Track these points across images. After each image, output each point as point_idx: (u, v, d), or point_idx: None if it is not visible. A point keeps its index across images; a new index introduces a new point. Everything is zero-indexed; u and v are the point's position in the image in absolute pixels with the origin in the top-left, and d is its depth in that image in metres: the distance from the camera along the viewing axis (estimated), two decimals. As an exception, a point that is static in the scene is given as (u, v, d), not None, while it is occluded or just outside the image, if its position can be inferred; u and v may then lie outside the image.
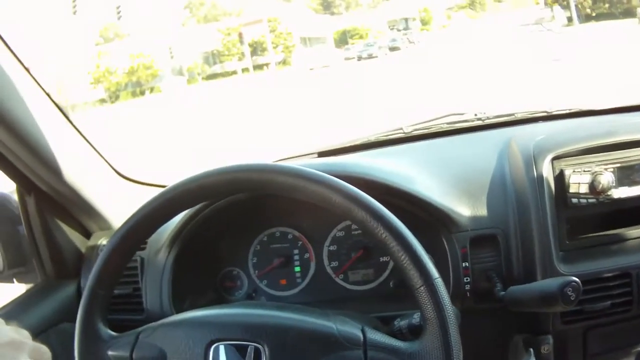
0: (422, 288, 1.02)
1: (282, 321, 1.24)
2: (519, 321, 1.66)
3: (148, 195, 2.15)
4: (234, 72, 66.30)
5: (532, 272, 1.57)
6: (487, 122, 2.23)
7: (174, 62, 67.46)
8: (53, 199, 1.88)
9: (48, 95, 1.78)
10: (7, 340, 0.87)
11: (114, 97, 64.03)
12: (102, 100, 62.43)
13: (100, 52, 65.55)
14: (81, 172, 1.86)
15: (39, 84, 1.73)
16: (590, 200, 1.60)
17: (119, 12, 44.62)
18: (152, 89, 62.69)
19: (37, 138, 1.68)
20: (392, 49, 58.62)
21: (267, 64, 66.03)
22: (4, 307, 1.83)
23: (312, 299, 1.86)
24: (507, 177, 1.71)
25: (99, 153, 2.00)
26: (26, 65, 1.68)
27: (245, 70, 63.83)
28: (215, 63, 71.25)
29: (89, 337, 1.27)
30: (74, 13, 37.60)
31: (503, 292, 1.50)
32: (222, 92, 40.90)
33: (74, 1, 37.61)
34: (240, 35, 65.34)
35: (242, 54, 66.25)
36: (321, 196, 1.06)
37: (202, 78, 66.15)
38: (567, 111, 2.21)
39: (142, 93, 62.36)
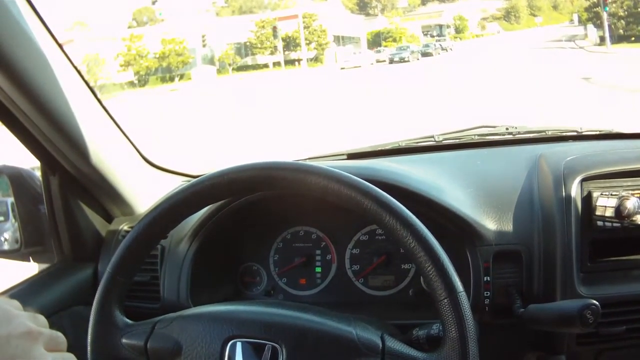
0: (445, 300, 1.01)
1: (302, 322, 1.23)
2: (533, 339, 1.64)
3: (173, 183, 2.18)
4: (266, 66, 66.65)
5: (552, 291, 1.56)
6: (518, 136, 2.21)
7: (205, 51, 67.88)
8: (77, 180, 1.87)
9: (80, 74, 1.76)
10: (23, 331, 0.85)
11: (143, 81, 64.56)
12: (131, 83, 62.96)
13: (132, 35, 66.02)
14: (108, 155, 1.85)
15: (71, 63, 1.72)
16: (615, 224, 1.57)
17: None
18: (181, 76, 63.13)
19: (67, 118, 1.66)
20: (425, 54, 59.14)
21: (299, 60, 66.20)
22: (19, 285, 1.83)
23: (330, 300, 1.85)
24: (535, 194, 1.69)
25: (127, 137, 1.98)
26: (59, 42, 1.66)
27: (276, 64, 64.10)
28: (247, 55, 71.62)
29: (103, 323, 1.26)
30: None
31: (522, 309, 1.48)
32: (252, 85, 41.16)
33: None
34: (274, 28, 65.68)
35: (275, 47, 66.58)
36: (353, 200, 1.05)
37: (233, 69, 66.43)
38: (597, 132, 2.18)
39: (172, 79, 62.88)
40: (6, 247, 1.96)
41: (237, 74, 63.49)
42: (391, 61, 53.75)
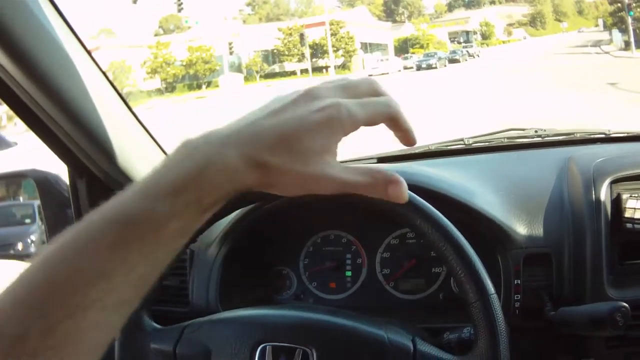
0: (477, 303, 1.01)
1: (333, 326, 1.24)
2: (562, 343, 1.62)
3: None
4: (293, 73, 66.98)
5: (582, 293, 1.54)
6: (547, 139, 2.22)
7: (232, 58, 68.35)
8: (104, 184, 1.86)
9: (107, 78, 1.75)
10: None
11: (170, 88, 65.13)
12: (158, 91, 63.59)
13: (158, 43, 66.71)
14: (136, 159, 1.84)
15: (98, 66, 1.71)
16: (644, 226, 1.57)
17: (180, 4, 45.23)
18: (209, 84, 63.62)
19: (94, 121, 1.65)
20: (452, 61, 59.66)
21: (326, 67, 66.49)
22: None
23: (360, 304, 1.85)
24: (565, 197, 1.69)
25: (155, 141, 1.97)
26: (87, 47, 1.65)
27: (304, 71, 64.40)
28: (274, 62, 72.07)
29: (131, 328, 1.26)
30: (134, 2, 38.29)
31: (553, 312, 1.48)
32: (279, 92, 41.44)
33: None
34: (302, 35, 66.05)
35: (302, 55, 66.98)
36: (385, 203, 1.01)
37: (260, 76, 66.84)
38: (626, 134, 2.19)
39: (199, 87, 63.43)
40: (33, 251, 1.96)
41: (264, 81, 63.85)
42: (419, 68, 54.22)
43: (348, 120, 0.80)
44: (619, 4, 53.16)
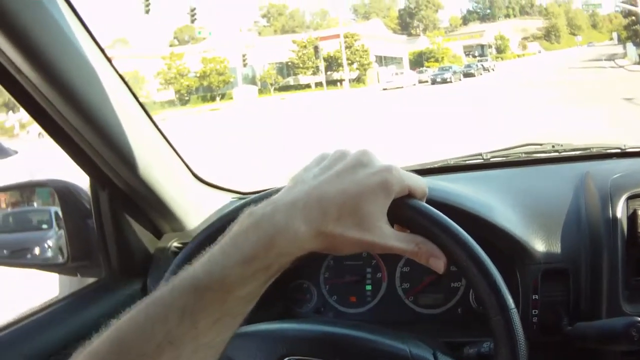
0: (497, 318, 0.99)
1: (356, 340, 1.25)
2: (578, 357, 1.60)
3: (222, 200, 2.18)
4: (308, 86, 66.97)
5: (598, 309, 1.54)
6: (564, 154, 2.23)
7: (247, 70, 68.36)
8: (126, 195, 1.88)
9: (130, 89, 1.77)
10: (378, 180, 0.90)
11: (184, 100, 65.21)
12: (171, 102, 63.70)
13: (172, 54, 66.84)
14: (158, 171, 1.86)
15: (121, 77, 1.73)
16: (658, 243, 1.59)
17: (193, 15, 45.23)
18: (223, 95, 63.68)
19: (117, 132, 1.67)
20: (467, 75, 59.56)
21: (341, 80, 66.43)
22: (66, 297, 1.86)
23: (380, 318, 1.86)
24: (582, 212, 1.69)
25: (177, 153, 1.99)
26: (109, 57, 1.67)
27: (319, 84, 64.36)
28: (289, 75, 72.03)
29: None
30: (147, 12, 38.39)
31: (569, 327, 1.49)
32: (293, 105, 41.45)
33: (146, 0, 38.41)
34: (316, 48, 66.01)
35: (317, 67, 66.93)
36: (405, 216, 1.03)
37: (275, 89, 66.86)
38: None
39: (213, 98, 63.52)
40: (53, 261, 1.99)
41: (278, 94, 63.93)
42: (433, 82, 54.37)
43: (399, 184, 0.90)
44: (634, 17, 53.11)
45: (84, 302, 1.84)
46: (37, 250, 2.06)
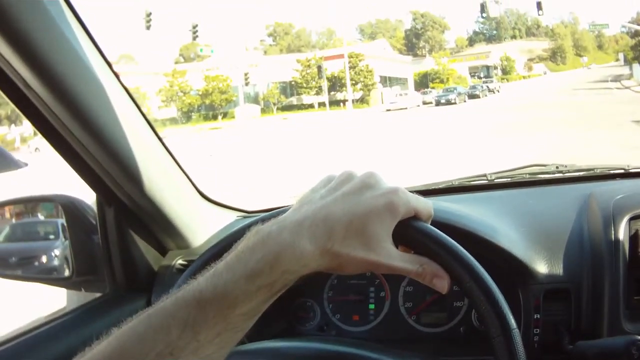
0: (499, 338, 1.00)
1: (360, 359, 1.25)
2: None
3: (227, 218, 2.21)
4: (311, 106, 66.57)
5: (599, 328, 1.56)
6: (568, 175, 2.26)
7: (249, 89, 68.10)
8: (132, 212, 1.91)
9: (137, 106, 1.80)
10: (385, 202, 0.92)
11: (186, 118, 64.89)
12: (173, 120, 63.43)
13: (174, 71, 66.60)
14: (164, 188, 1.88)
15: (129, 94, 1.76)
16: (659, 263, 1.62)
17: (195, 32, 44.91)
18: (225, 114, 63.38)
19: (124, 149, 1.70)
20: (471, 96, 59.07)
21: (344, 101, 66.06)
22: (70, 312, 1.87)
23: (382, 337, 1.89)
24: (585, 233, 1.71)
25: (182, 170, 2.02)
26: (116, 73, 1.70)
27: (322, 105, 63.97)
28: (292, 94, 71.68)
29: None
30: (148, 28, 38.28)
31: (571, 346, 1.51)
32: (294, 125, 41.37)
33: (148, 16, 38.32)
34: (319, 68, 65.59)
35: (320, 87, 66.52)
36: (411, 238, 1.05)
37: (278, 108, 66.58)
38: None
39: (215, 117, 63.20)
40: (58, 275, 2.02)
41: (281, 113, 63.68)
42: (437, 103, 54.00)
43: (405, 206, 0.93)
44: (641, 38, 53.10)
45: (87, 317, 1.86)
46: (44, 259, 2.09)
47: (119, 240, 1.93)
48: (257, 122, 54.80)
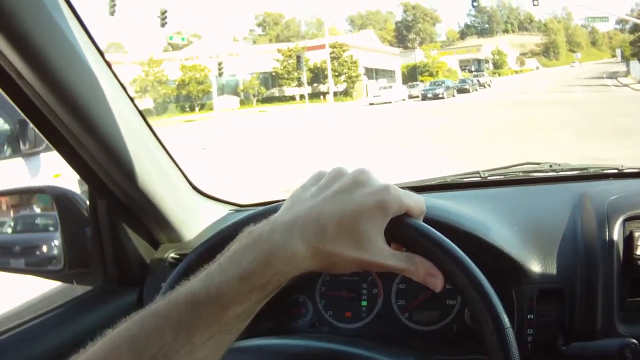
0: (493, 336, 1.02)
1: (352, 357, 1.29)
2: None
3: (220, 212, 2.26)
4: (292, 98, 65.47)
5: (593, 329, 1.60)
6: (561, 174, 2.31)
7: (228, 80, 67.16)
8: (125, 205, 1.94)
9: (130, 98, 1.83)
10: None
11: (161, 109, 63.91)
12: (148, 112, 62.62)
13: (151, 60, 65.48)
14: (157, 181, 1.91)
15: (122, 85, 1.80)
16: (653, 264, 1.65)
17: (164, 19, 43.46)
18: (202, 106, 62.48)
19: (117, 141, 1.73)
20: (461, 90, 58.52)
21: (325, 93, 65.26)
22: (62, 305, 1.90)
23: (374, 333, 1.91)
24: (579, 233, 1.75)
25: (175, 163, 2.05)
26: (109, 62, 1.73)
27: (303, 97, 63.09)
28: (274, 86, 70.68)
29: None
30: (112, 14, 37.58)
31: (564, 347, 1.55)
32: (269, 119, 40.93)
33: (112, 0, 37.62)
34: (298, 58, 64.39)
35: (300, 79, 65.63)
36: (403, 235, 1.03)
37: (257, 100, 65.72)
38: (637, 170, 2.26)
39: (192, 109, 62.25)
40: (49, 268, 2.05)
41: (261, 105, 63.16)
42: (424, 97, 53.82)
43: (397, 203, 0.95)
44: (641, 33, 52.91)
45: (79, 310, 1.90)
46: (44, 249, 2.12)
47: (110, 233, 1.96)
48: (235, 114, 54.04)
